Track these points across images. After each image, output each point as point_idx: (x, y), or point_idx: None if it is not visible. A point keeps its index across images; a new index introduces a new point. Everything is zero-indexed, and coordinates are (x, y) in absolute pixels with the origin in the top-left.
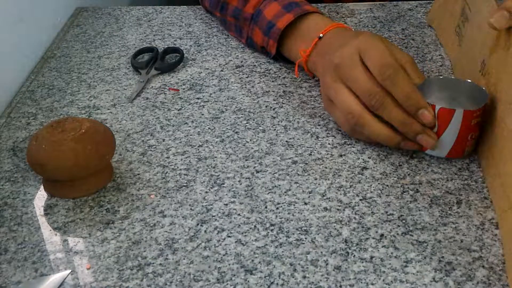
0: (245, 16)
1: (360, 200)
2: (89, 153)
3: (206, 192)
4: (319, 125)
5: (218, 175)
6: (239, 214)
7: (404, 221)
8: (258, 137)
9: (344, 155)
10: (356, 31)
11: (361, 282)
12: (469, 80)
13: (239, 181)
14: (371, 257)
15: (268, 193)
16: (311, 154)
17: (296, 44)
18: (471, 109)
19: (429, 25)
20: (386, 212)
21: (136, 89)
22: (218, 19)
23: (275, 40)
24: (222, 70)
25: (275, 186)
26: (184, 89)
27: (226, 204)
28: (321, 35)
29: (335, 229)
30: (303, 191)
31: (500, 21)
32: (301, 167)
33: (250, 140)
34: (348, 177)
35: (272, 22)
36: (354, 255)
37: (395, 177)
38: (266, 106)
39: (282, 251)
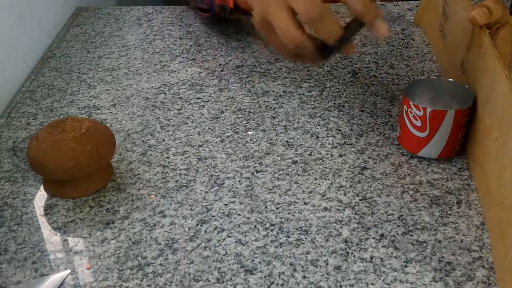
0: None
1: (360, 200)
2: (89, 153)
3: (206, 192)
4: (319, 125)
5: (218, 175)
6: (239, 214)
7: (404, 221)
8: (258, 137)
9: (344, 155)
10: None
11: (361, 282)
12: (451, 80)
13: (239, 181)
14: (371, 257)
15: (268, 193)
16: (311, 154)
17: None
18: (457, 108)
19: (417, 25)
20: (386, 212)
21: None
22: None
23: None
24: (222, 70)
25: (275, 186)
26: (184, 89)
27: (226, 204)
28: None
29: (335, 229)
30: (303, 191)
31: (481, 16)
32: (301, 167)
33: (250, 140)
34: (348, 177)
35: None
36: (354, 255)
37: (395, 177)
38: (266, 106)
39: (282, 251)
